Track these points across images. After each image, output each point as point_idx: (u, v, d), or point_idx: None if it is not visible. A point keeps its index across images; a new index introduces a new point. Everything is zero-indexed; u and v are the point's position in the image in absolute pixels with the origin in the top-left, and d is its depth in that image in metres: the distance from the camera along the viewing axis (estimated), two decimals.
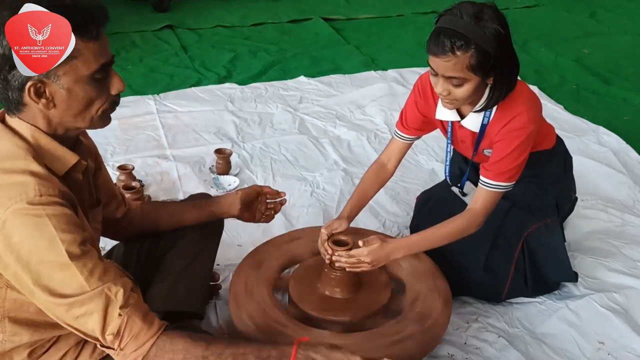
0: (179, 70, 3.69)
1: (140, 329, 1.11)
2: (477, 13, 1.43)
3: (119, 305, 1.10)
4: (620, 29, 4.68)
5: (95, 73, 1.11)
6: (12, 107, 1.13)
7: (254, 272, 1.75)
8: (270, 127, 3.00)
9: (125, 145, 2.73)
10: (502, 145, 1.62)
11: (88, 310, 1.08)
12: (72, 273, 1.07)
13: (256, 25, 4.61)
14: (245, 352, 1.16)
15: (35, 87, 1.09)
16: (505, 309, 1.86)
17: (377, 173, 1.87)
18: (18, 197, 1.05)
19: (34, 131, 1.14)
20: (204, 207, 1.65)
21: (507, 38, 1.47)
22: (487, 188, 1.64)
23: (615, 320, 1.80)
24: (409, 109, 1.82)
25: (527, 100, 1.62)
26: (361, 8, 5.04)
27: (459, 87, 1.50)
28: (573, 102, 3.38)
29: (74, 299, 1.07)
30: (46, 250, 1.06)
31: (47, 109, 1.12)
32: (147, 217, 1.60)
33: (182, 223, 1.63)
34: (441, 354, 1.69)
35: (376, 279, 1.74)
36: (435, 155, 2.74)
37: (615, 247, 2.15)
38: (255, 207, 1.71)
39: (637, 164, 2.72)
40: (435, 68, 1.49)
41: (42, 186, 1.07)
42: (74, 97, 1.12)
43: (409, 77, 3.53)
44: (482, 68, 1.46)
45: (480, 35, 1.42)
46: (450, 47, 1.42)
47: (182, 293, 1.60)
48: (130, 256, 1.63)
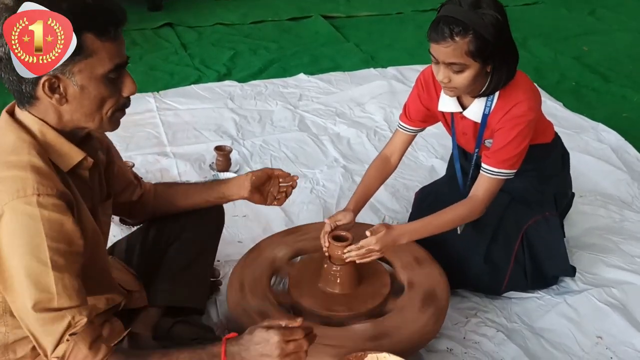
0: (179, 68, 3.69)
1: (85, 356, 1.11)
2: (475, 2, 1.50)
3: (72, 331, 1.10)
4: (620, 27, 4.68)
5: (109, 73, 1.12)
6: (24, 100, 1.14)
7: (254, 266, 1.76)
8: (270, 124, 3.01)
9: (125, 142, 2.73)
10: (503, 133, 1.65)
11: (47, 330, 1.09)
12: (48, 281, 1.07)
13: (256, 22, 4.61)
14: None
15: (49, 82, 1.09)
16: (504, 304, 1.87)
17: (381, 167, 1.89)
18: (15, 194, 1.06)
19: (42, 126, 1.14)
20: (215, 188, 1.64)
21: (505, 25, 1.54)
22: (489, 175, 1.67)
23: (614, 316, 1.81)
24: (412, 101, 1.84)
25: (528, 90, 1.66)
26: (361, 6, 5.04)
27: (460, 74, 1.54)
28: (573, 100, 3.39)
29: (40, 315, 1.07)
30: (31, 253, 1.07)
31: (59, 104, 1.12)
32: (159, 198, 1.61)
33: (193, 204, 1.63)
34: (440, 348, 1.70)
35: (376, 275, 1.75)
36: (435, 152, 2.74)
37: (614, 243, 2.16)
38: (267, 189, 1.68)
39: (635, 160, 2.73)
40: (435, 55, 1.54)
41: (40, 184, 1.07)
42: (87, 95, 1.12)
43: (409, 74, 3.54)
44: (480, 54, 1.51)
45: (478, 22, 1.48)
46: (449, 33, 1.48)
47: (183, 289, 1.61)
48: (133, 250, 1.64)
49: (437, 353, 1.68)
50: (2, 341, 1.21)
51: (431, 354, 1.67)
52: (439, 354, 1.68)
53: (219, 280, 1.90)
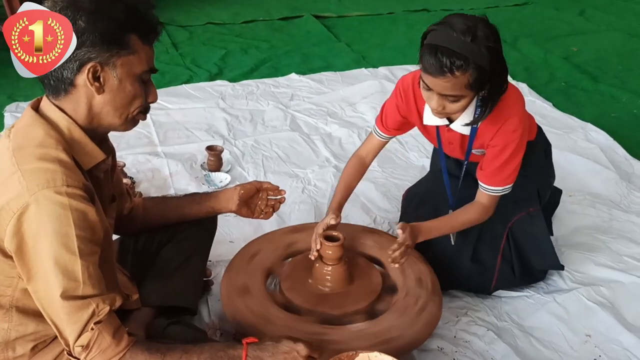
0: (170, 68, 3.68)
1: (109, 345, 1.14)
2: (471, 29, 1.41)
3: (96, 320, 1.12)
4: (609, 27, 4.72)
5: (144, 73, 1.22)
6: (60, 88, 1.17)
7: (247, 265, 1.76)
8: (262, 124, 3.01)
9: (116, 142, 2.65)
10: (497, 152, 1.65)
11: (72, 318, 1.11)
12: (76, 269, 1.10)
13: (247, 22, 4.61)
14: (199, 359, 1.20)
15: (94, 68, 1.15)
16: (494, 303, 1.89)
17: (358, 165, 1.91)
18: (45, 184, 1.09)
19: (70, 123, 1.18)
20: (203, 202, 1.66)
21: (500, 52, 1.48)
22: (490, 193, 1.71)
23: (602, 314, 1.83)
24: (389, 110, 1.83)
25: (514, 96, 1.65)
26: (352, 5, 5.06)
27: (455, 103, 1.51)
28: (562, 100, 3.41)
29: (67, 303, 1.10)
30: (60, 241, 1.09)
31: (97, 93, 1.17)
32: (148, 212, 1.63)
33: (183, 218, 1.65)
34: (431, 347, 1.71)
35: (367, 274, 1.76)
36: (426, 152, 2.75)
37: (603, 241, 2.18)
38: (255, 203, 1.71)
39: (624, 160, 2.75)
40: (431, 86, 1.49)
41: (68, 177, 1.11)
42: (123, 88, 1.19)
43: (400, 74, 3.50)
44: (479, 85, 1.47)
45: (477, 53, 1.41)
46: (450, 67, 1.41)
47: (176, 289, 1.61)
48: (126, 252, 1.64)
49: (428, 352, 1.69)
50: (4, 338, 1.22)
51: (422, 353, 1.69)
52: (430, 353, 1.69)
53: (211, 280, 1.90)
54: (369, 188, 2.45)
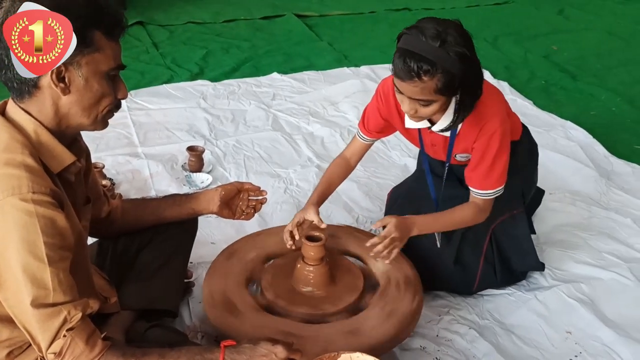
0: (150, 67, 3.65)
1: (82, 351, 1.12)
2: (441, 34, 1.41)
3: (68, 327, 1.11)
4: (587, 26, 4.78)
5: (111, 71, 1.18)
6: (24, 91, 1.14)
7: (228, 267, 1.75)
8: (244, 124, 2.99)
9: (95, 143, 2.69)
10: (482, 155, 1.65)
11: (44, 326, 1.10)
12: (45, 277, 1.09)
13: (228, 21, 4.59)
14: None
15: (57, 69, 1.11)
16: (476, 301, 1.89)
17: (342, 167, 1.91)
18: (11, 191, 1.07)
19: (37, 126, 1.15)
20: (184, 203, 1.65)
21: (472, 57, 1.47)
22: (483, 197, 1.71)
23: (582, 310, 1.85)
24: (371, 113, 1.83)
25: (494, 98, 1.65)
26: (334, 5, 5.06)
27: (426, 107, 1.51)
28: (542, 98, 3.44)
29: (37, 311, 1.08)
30: (27, 250, 1.07)
31: (63, 94, 1.14)
32: (127, 215, 1.60)
33: (163, 220, 1.63)
34: (413, 346, 1.71)
35: (348, 273, 1.76)
36: (408, 151, 2.76)
37: (582, 239, 2.20)
38: (236, 203, 1.70)
39: (603, 157, 2.78)
40: (401, 90, 1.50)
41: (35, 183, 1.08)
42: (89, 88, 1.16)
43: (382, 73, 3.55)
44: (448, 90, 1.47)
45: (445, 58, 1.41)
46: (417, 72, 1.42)
47: (156, 291, 1.60)
48: (105, 254, 1.62)
49: (411, 351, 1.69)
50: None
51: (404, 352, 1.69)
52: (412, 353, 1.69)
53: (192, 282, 1.89)
54: (351, 187, 2.44)
